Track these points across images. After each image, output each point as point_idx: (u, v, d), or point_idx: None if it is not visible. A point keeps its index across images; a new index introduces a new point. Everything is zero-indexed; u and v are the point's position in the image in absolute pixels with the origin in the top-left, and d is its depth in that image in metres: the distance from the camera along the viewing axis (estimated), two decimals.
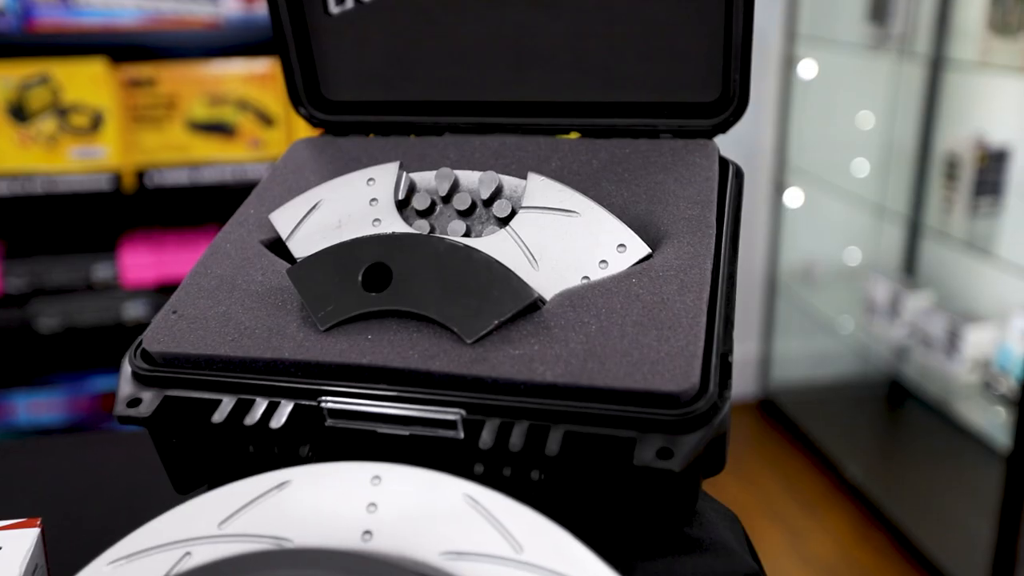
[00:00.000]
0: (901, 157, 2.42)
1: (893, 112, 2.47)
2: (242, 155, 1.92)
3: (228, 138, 1.91)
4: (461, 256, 0.49)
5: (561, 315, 0.49)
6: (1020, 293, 2.02)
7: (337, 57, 0.67)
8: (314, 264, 0.51)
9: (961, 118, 2.29)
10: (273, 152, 1.92)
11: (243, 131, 1.91)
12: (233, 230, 0.58)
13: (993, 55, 1.98)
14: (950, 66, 2.25)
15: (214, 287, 0.54)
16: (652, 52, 0.62)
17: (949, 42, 2.20)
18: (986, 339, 2.09)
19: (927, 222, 2.31)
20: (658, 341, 0.46)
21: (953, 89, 2.31)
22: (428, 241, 0.49)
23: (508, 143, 0.63)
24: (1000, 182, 2.07)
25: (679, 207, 0.55)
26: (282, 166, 0.64)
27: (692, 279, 0.50)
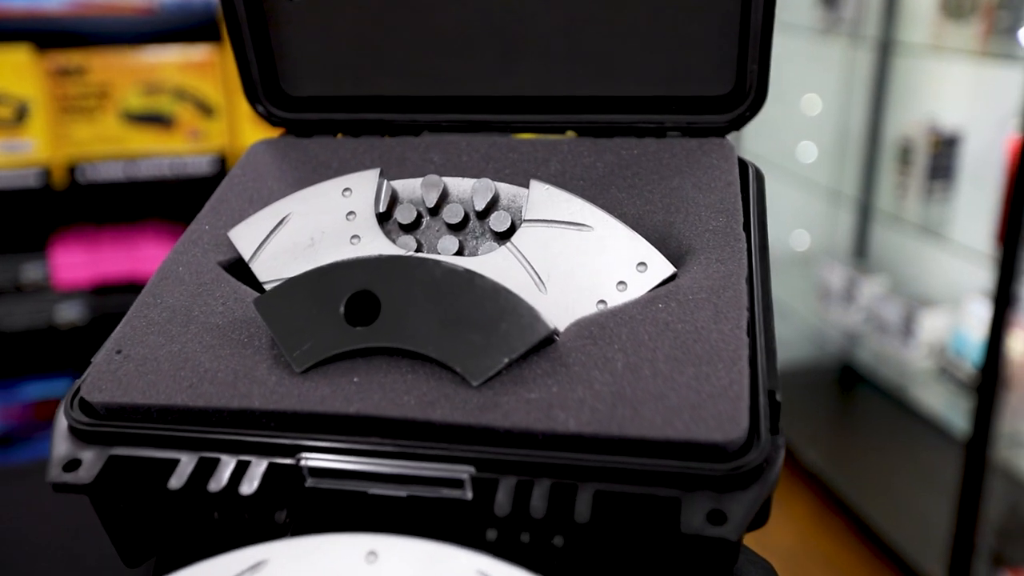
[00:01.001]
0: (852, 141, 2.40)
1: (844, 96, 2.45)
2: (181, 147, 1.81)
3: (165, 129, 1.80)
4: (462, 282, 0.41)
5: (580, 349, 0.42)
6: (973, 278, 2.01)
7: (299, 47, 0.58)
8: (286, 293, 0.43)
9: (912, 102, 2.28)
10: (214, 144, 1.82)
11: (181, 122, 1.80)
12: (186, 250, 0.50)
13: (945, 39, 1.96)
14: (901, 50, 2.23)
15: (166, 320, 0.46)
16: (657, 40, 0.55)
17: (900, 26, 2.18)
18: (941, 324, 2.08)
19: (879, 207, 2.29)
20: (696, 380, 0.40)
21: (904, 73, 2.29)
22: (422, 264, 0.42)
23: (498, 144, 0.55)
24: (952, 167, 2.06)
25: (701, 217, 0.49)
26: (240, 173, 0.56)
27: (727, 303, 0.43)
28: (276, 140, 0.59)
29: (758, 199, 0.51)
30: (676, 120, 0.56)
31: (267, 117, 0.59)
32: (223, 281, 0.48)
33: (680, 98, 0.56)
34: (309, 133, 0.60)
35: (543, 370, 0.41)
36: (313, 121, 0.60)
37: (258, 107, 0.59)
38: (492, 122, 0.58)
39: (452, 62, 0.58)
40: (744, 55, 0.54)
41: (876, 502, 2.11)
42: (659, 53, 0.55)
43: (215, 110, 1.81)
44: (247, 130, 1.82)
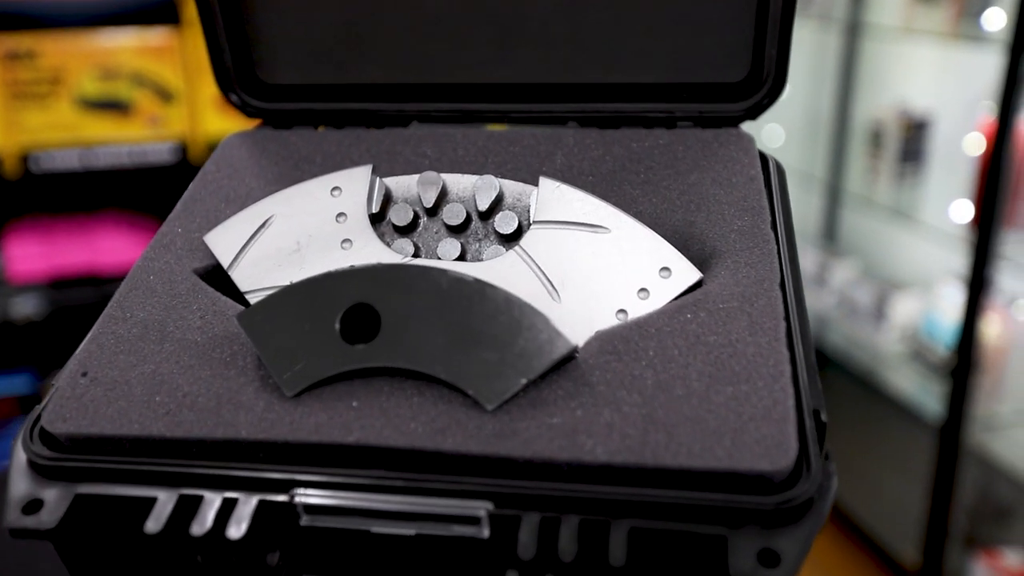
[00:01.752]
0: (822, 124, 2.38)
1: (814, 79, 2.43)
2: (139, 134, 1.74)
3: (123, 116, 1.73)
4: (472, 293, 0.37)
5: (604, 367, 0.38)
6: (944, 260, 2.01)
7: (276, 31, 0.53)
8: (274, 307, 0.38)
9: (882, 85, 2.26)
10: (175, 131, 1.75)
11: (140, 108, 1.73)
12: (157, 256, 0.45)
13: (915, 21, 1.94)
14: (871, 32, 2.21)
15: (137, 337, 0.41)
16: (666, 22, 0.51)
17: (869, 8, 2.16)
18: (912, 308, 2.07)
19: (849, 190, 2.28)
20: (736, 400, 0.36)
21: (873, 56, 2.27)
22: (426, 274, 0.38)
23: (497, 136, 0.51)
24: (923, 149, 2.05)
25: (724, 216, 0.45)
26: (213, 169, 0.51)
27: (762, 312, 0.39)
28: (252, 132, 0.54)
29: (782, 195, 0.47)
30: (687, 109, 0.52)
31: (242, 107, 0.54)
32: (200, 291, 0.43)
33: (691, 85, 0.52)
34: (288, 124, 0.55)
35: (564, 391, 0.37)
36: (292, 111, 0.55)
37: (232, 97, 0.54)
38: (487, 111, 0.54)
39: (443, 46, 0.53)
40: (762, 38, 0.50)
41: (848, 486, 2.10)
42: (668, 36, 0.51)
43: (175, 95, 1.74)
44: (209, 116, 1.75)
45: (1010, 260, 1.63)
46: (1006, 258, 1.61)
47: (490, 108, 0.54)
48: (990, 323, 1.72)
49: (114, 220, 1.83)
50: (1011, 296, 1.78)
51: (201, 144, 1.73)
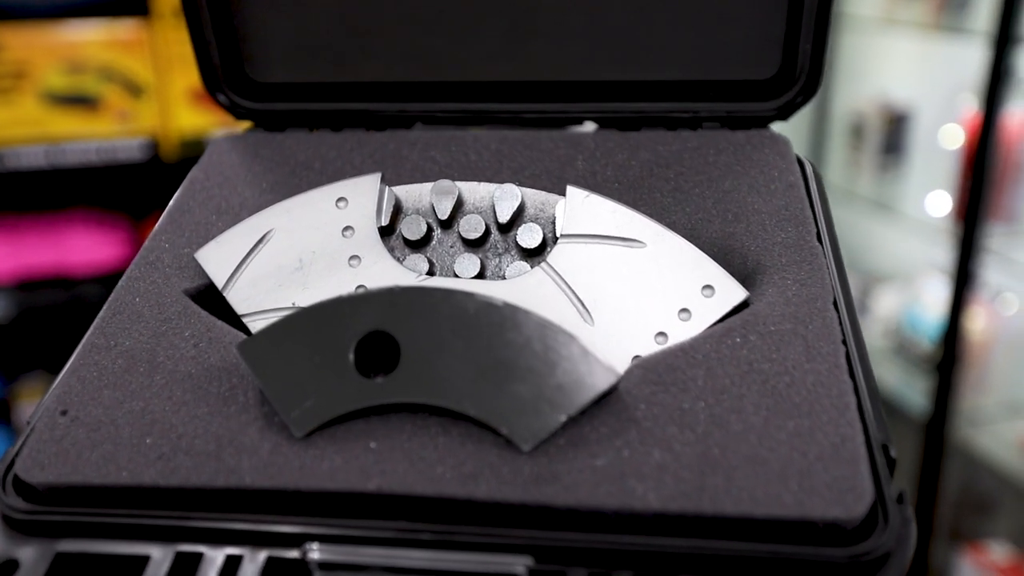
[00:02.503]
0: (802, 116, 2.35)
1: None
2: (108, 130, 1.67)
3: (91, 111, 1.67)
4: (503, 319, 0.33)
5: (649, 399, 0.34)
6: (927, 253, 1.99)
7: (267, 25, 0.49)
8: (279, 336, 0.34)
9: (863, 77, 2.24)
10: (145, 126, 1.69)
11: (108, 103, 1.66)
12: (142, 275, 0.41)
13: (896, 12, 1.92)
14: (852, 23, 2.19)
15: (123, 369, 0.37)
16: (690, 15, 0.47)
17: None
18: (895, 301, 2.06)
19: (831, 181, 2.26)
20: (798, 437, 0.32)
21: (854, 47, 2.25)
22: (451, 298, 0.34)
23: (511, 139, 0.47)
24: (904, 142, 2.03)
25: (765, 227, 0.41)
26: (202, 176, 0.46)
27: (817, 335, 0.36)
28: (243, 135, 0.49)
29: (823, 204, 0.43)
30: (713, 109, 0.48)
31: (230, 109, 0.50)
32: (192, 315, 0.39)
33: (717, 83, 0.49)
34: (281, 126, 0.51)
35: (608, 428, 0.33)
36: (285, 112, 0.50)
37: (219, 97, 0.50)
38: (497, 112, 0.50)
39: (449, 41, 0.49)
40: (794, 32, 0.46)
41: None
42: (693, 30, 0.48)
43: (145, 90, 1.68)
44: (181, 112, 1.69)
45: (994, 253, 1.61)
46: (991, 251, 1.60)
47: (500, 108, 0.50)
48: (974, 317, 1.71)
49: (83, 219, 1.77)
50: (995, 290, 1.76)
51: (173, 140, 1.68)
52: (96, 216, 1.79)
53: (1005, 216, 1.75)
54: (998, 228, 1.67)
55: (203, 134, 1.65)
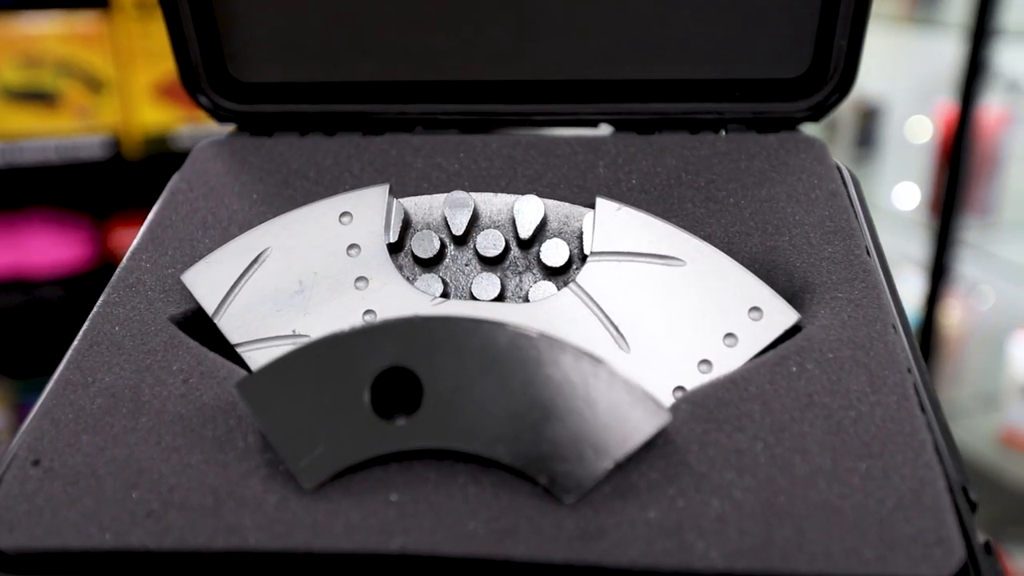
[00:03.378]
0: None
1: None
2: (67, 126, 1.61)
3: (49, 107, 1.60)
4: (539, 352, 0.29)
5: (701, 439, 0.30)
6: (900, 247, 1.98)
7: (252, 20, 0.45)
8: (284, 373, 0.30)
9: None
10: (106, 122, 1.63)
11: (67, 99, 1.60)
12: (122, 300, 0.37)
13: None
14: None
15: (103, 410, 0.32)
16: (712, 8, 0.44)
17: None
18: None
19: None
20: (873, 482, 0.29)
21: None
22: (478, 329, 0.30)
23: (523, 144, 0.43)
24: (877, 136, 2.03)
25: (810, 240, 0.38)
26: (184, 187, 0.42)
27: (880, 362, 0.32)
28: (228, 140, 0.45)
29: (866, 214, 0.40)
30: (738, 109, 0.45)
31: (212, 111, 0.46)
32: (180, 346, 0.34)
33: (743, 82, 0.45)
34: (268, 130, 0.46)
35: (659, 474, 0.29)
36: (273, 114, 0.46)
37: (201, 98, 0.45)
38: (505, 114, 0.46)
39: (453, 38, 0.45)
40: (828, 27, 0.43)
41: None
42: (716, 25, 0.44)
43: (105, 85, 1.61)
44: (144, 107, 1.63)
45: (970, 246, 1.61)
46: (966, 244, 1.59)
47: (508, 110, 0.46)
48: (950, 310, 1.70)
49: (42, 219, 1.70)
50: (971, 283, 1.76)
51: (136, 137, 1.62)
52: (56, 216, 1.72)
53: (980, 209, 1.74)
54: (973, 221, 1.66)
55: (167, 131, 1.59)
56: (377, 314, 0.35)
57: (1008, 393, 1.65)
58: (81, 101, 1.62)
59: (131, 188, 1.72)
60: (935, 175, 1.74)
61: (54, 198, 1.73)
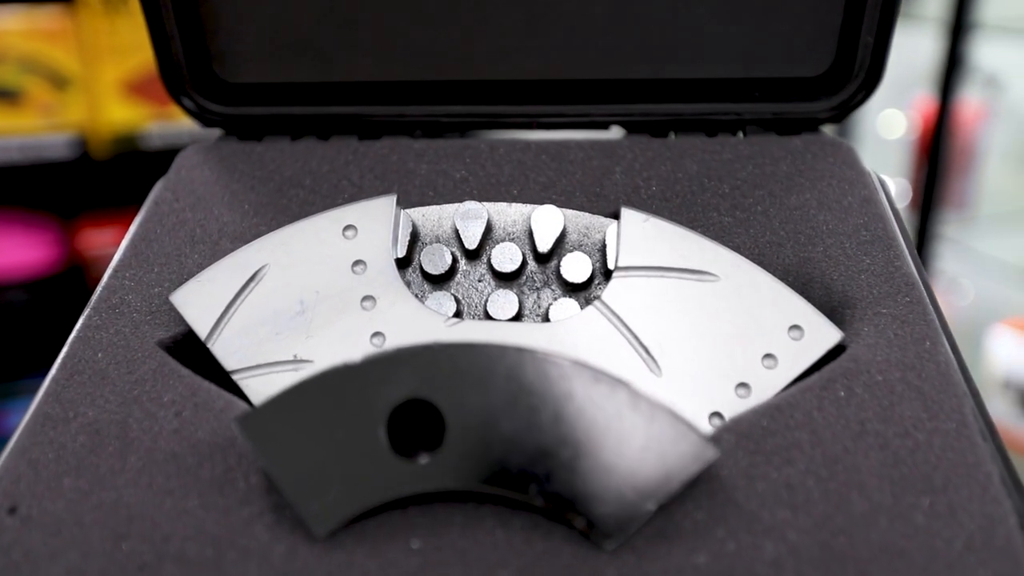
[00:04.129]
0: None
1: None
2: (32, 125, 1.56)
3: (12, 105, 1.55)
4: (572, 383, 0.27)
5: (747, 472, 0.28)
6: None
7: (240, 16, 0.42)
8: (290, 407, 0.27)
9: None
10: (71, 120, 1.58)
11: (31, 96, 1.55)
12: (104, 323, 0.33)
13: None
14: None
15: (86, 448, 0.29)
16: (728, 5, 0.41)
17: None
18: None
19: None
20: (939, 520, 0.26)
21: None
22: (505, 356, 0.27)
23: (533, 148, 0.40)
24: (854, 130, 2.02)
25: (846, 251, 0.35)
26: (169, 196, 0.39)
27: (935, 386, 0.30)
28: (215, 145, 0.42)
29: (899, 223, 0.38)
30: (757, 110, 0.42)
31: (198, 115, 0.42)
32: (171, 374, 0.31)
33: (761, 80, 0.43)
34: (258, 135, 0.43)
35: (705, 513, 0.27)
36: (262, 118, 0.43)
37: (184, 101, 0.42)
38: (511, 116, 0.43)
39: (455, 35, 0.42)
40: (854, 22, 0.41)
41: None
42: (732, 21, 0.42)
43: (71, 82, 1.57)
44: (111, 105, 1.58)
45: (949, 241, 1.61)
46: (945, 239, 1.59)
47: (514, 111, 0.43)
48: None
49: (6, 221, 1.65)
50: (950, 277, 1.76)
51: (104, 136, 1.57)
52: (21, 218, 1.67)
53: (958, 204, 1.74)
54: (951, 216, 1.66)
55: (136, 129, 1.54)
56: (386, 336, 0.32)
57: (987, 388, 1.64)
58: (45, 99, 1.57)
59: (99, 188, 1.67)
60: (913, 170, 1.73)
61: (18, 199, 1.68)
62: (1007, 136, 1.85)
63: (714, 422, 0.31)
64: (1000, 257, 1.70)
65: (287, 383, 0.30)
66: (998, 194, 1.85)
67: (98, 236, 1.66)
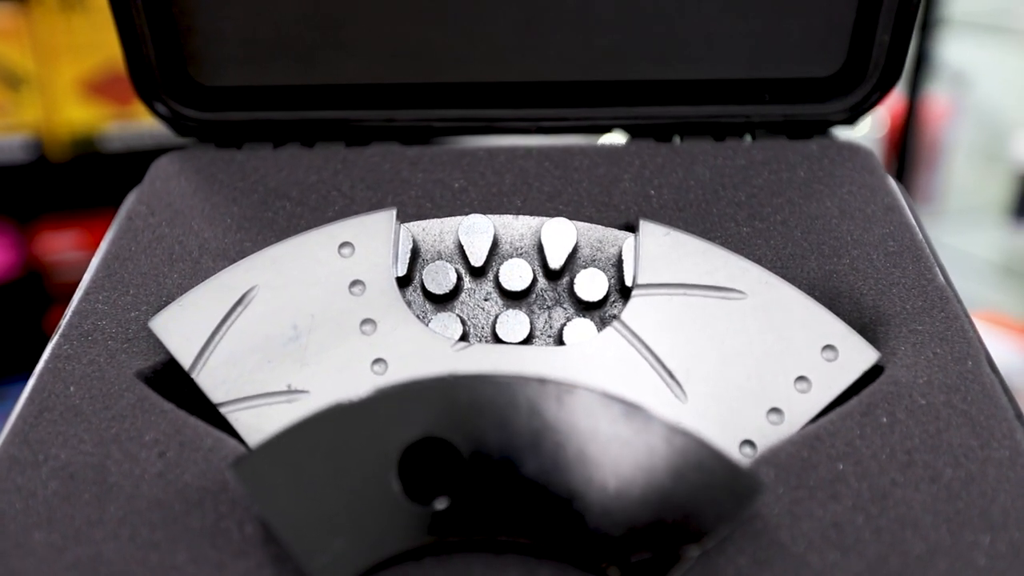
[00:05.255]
0: None
1: None
2: None
3: None
4: (604, 416, 0.24)
5: (791, 510, 0.26)
6: None
7: (217, 15, 0.39)
8: (290, 450, 0.25)
9: None
10: (26, 121, 1.52)
11: None
12: (76, 352, 0.30)
13: None
14: None
15: (60, 496, 0.26)
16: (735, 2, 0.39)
17: None
18: None
19: None
20: (999, 560, 0.24)
21: None
22: (527, 388, 0.25)
23: (535, 155, 0.38)
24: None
25: (873, 263, 0.33)
26: (144, 209, 0.36)
27: (982, 409, 0.28)
28: (192, 153, 0.39)
29: (923, 232, 0.36)
30: (767, 112, 0.40)
31: (172, 121, 0.39)
32: (152, 409, 0.28)
33: (770, 81, 0.40)
34: (237, 142, 0.40)
35: (748, 558, 0.25)
36: (242, 123, 0.40)
37: (158, 107, 0.39)
38: (509, 120, 0.41)
39: (449, 35, 0.39)
40: (868, 20, 0.39)
41: None
42: (739, 20, 0.39)
43: (25, 81, 1.51)
44: (69, 105, 1.53)
45: None
46: None
47: (512, 115, 0.41)
48: None
49: None
50: None
51: (62, 138, 1.52)
52: None
53: (925, 199, 1.75)
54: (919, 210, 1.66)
55: (95, 130, 1.50)
56: (388, 363, 0.29)
57: None
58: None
59: (57, 191, 1.62)
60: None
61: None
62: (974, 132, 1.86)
63: (745, 451, 0.29)
64: (967, 251, 1.70)
65: (281, 416, 0.28)
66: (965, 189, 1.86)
67: (57, 240, 1.61)
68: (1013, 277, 1.69)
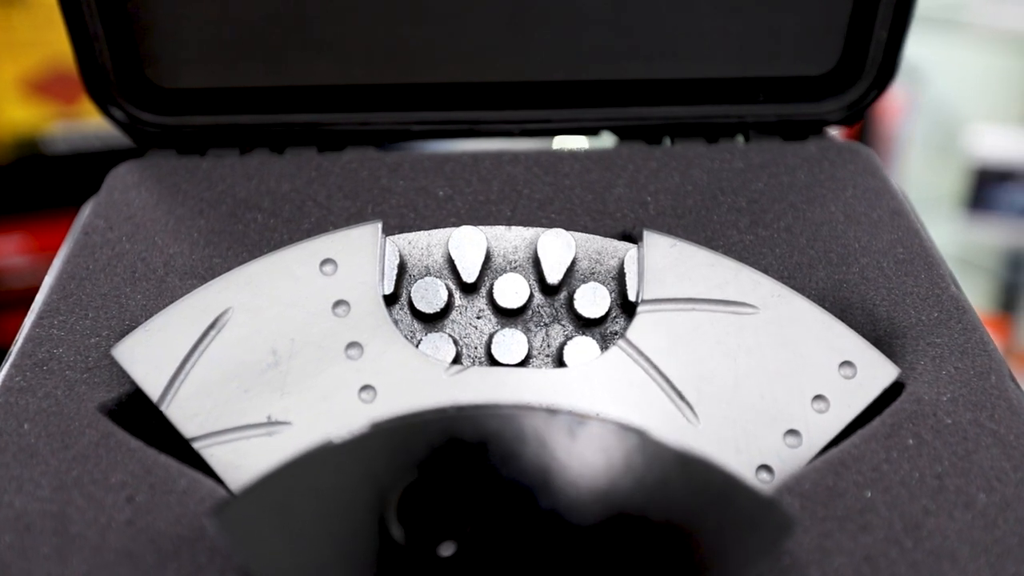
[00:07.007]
0: None
1: None
2: None
3: None
4: (616, 450, 0.22)
5: (821, 544, 0.24)
6: None
7: (177, 12, 0.36)
8: (275, 495, 0.22)
9: None
10: None
11: None
12: (29, 384, 0.28)
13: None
14: None
15: (15, 552, 0.24)
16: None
17: None
18: None
19: None
20: None
21: None
22: (534, 420, 0.22)
23: (522, 160, 0.36)
24: None
25: (884, 271, 0.32)
26: (101, 224, 0.33)
27: (1009, 427, 0.27)
28: (153, 161, 0.36)
29: (928, 237, 0.34)
30: (760, 112, 0.39)
31: (128, 128, 0.37)
32: (118, 447, 0.26)
33: (765, 80, 0.39)
34: (201, 148, 0.37)
35: None
36: (206, 128, 0.37)
37: (113, 111, 0.36)
38: (493, 123, 0.39)
39: (429, 33, 0.37)
40: (865, 16, 0.37)
41: None
42: (732, 17, 0.38)
43: None
44: (10, 106, 1.48)
45: None
46: None
47: (495, 118, 0.39)
48: None
49: None
50: None
51: (4, 140, 1.46)
52: None
53: None
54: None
55: (38, 131, 1.44)
56: (377, 390, 0.27)
57: None
58: None
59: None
60: None
61: None
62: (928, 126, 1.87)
63: (762, 476, 0.27)
64: None
65: (260, 450, 0.25)
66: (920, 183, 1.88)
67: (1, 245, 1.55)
68: (968, 269, 1.71)
